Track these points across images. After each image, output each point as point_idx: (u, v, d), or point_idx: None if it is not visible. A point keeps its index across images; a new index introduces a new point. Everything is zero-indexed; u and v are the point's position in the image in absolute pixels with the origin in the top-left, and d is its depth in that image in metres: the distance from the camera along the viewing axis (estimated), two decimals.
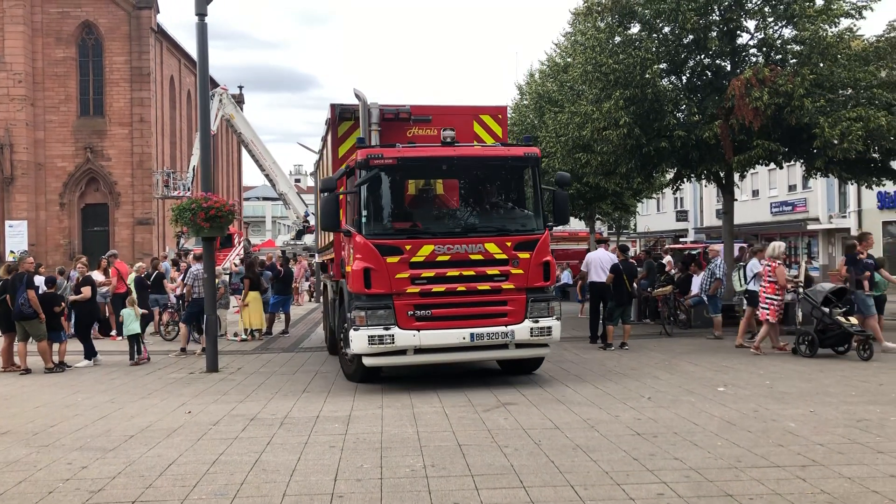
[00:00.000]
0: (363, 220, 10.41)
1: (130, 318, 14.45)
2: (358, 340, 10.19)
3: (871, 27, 60.89)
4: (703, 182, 22.32)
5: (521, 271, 10.52)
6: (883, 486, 5.94)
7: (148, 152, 46.50)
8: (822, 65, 17.17)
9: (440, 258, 10.30)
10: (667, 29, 18.53)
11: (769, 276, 13.56)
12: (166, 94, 51.18)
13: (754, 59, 18.70)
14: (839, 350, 13.04)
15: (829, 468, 6.44)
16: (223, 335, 17.38)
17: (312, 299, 31.07)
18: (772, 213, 45.79)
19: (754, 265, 14.75)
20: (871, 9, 17.99)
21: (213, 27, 13.50)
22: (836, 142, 16.46)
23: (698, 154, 18.34)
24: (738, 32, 18.75)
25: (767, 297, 13.62)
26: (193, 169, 36.13)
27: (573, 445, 7.35)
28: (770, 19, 18.35)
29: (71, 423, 8.93)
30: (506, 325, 10.39)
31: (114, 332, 18.16)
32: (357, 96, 11.89)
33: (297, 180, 78.98)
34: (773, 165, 21.10)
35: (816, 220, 41.82)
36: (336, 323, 12.69)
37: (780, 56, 18.32)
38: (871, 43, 17.96)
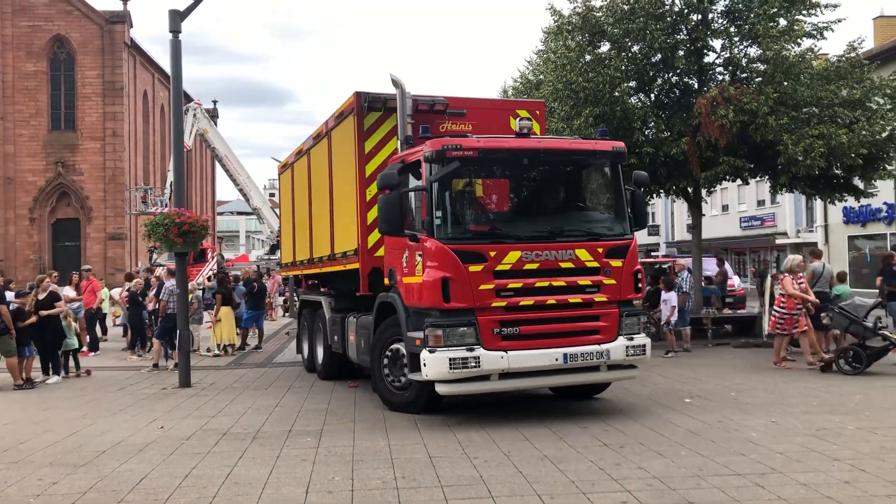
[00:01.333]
0: (436, 221, 9.02)
1: (67, 333, 14.44)
2: (435, 364, 8.69)
3: (832, 47, 62.49)
4: (672, 197, 22.74)
5: (613, 281, 9.37)
6: (836, 492, 6.17)
7: (121, 167, 46.30)
8: (785, 83, 17.65)
9: (528, 266, 9.02)
10: (636, 48, 18.90)
11: (779, 289, 13.73)
12: (139, 108, 51.00)
13: (720, 78, 19.14)
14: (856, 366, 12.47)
15: (786, 475, 6.66)
16: (195, 350, 17.36)
17: (287, 314, 31.02)
18: (741, 227, 46.57)
19: None
20: (832, 30, 18.57)
21: (188, 41, 13.25)
22: (799, 158, 16.89)
23: (666, 170, 18.71)
24: (705, 51, 19.21)
25: (773, 309, 13.83)
26: (171, 185, 36.03)
27: (541, 456, 7.51)
28: (735, 39, 18.83)
29: (41, 439, 8.92)
30: (599, 344, 9.21)
31: (84, 348, 18.06)
32: (395, 83, 10.50)
33: (272, 195, 78.85)
34: (740, 181, 21.54)
35: (784, 234, 42.60)
36: (363, 345, 10.95)
37: (746, 75, 18.79)
38: (833, 63, 18.48)
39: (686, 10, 18.71)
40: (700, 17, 18.82)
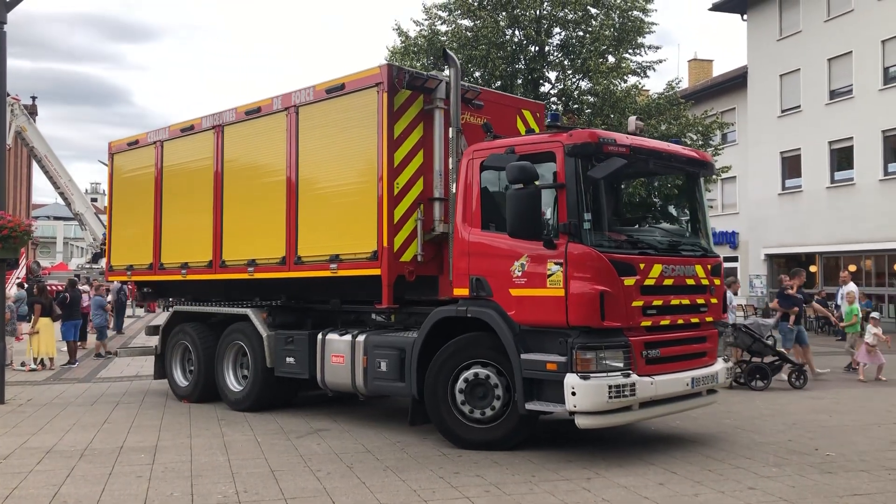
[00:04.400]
0: (586, 224, 7.86)
1: None
2: (591, 393, 7.51)
3: (653, 85, 68.16)
4: None
5: (715, 300, 8.91)
6: (652, 493, 6.78)
7: None
8: (612, 116, 19.06)
9: (666, 282, 8.26)
10: (477, 74, 19.72)
11: None
12: None
13: (555, 108, 20.32)
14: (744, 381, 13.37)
15: (609, 479, 7.23)
16: (9, 364, 16.11)
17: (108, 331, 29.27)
18: None
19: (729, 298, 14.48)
20: (654, 69, 20.33)
21: (10, 31, 12.54)
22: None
23: None
24: (541, 82, 20.37)
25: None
26: None
27: (384, 467, 7.68)
28: (569, 72, 20.10)
29: None
30: (707, 367, 8.71)
31: None
32: (448, 58, 9.33)
33: (94, 199, 73.98)
34: None
35: None
36: (384, 367, 9.21)
37: (577, 106, 20.10)
38: (654, 99, 20.17)
39: (525, 42, 19.77)
40: (537, 49, 19.94)
